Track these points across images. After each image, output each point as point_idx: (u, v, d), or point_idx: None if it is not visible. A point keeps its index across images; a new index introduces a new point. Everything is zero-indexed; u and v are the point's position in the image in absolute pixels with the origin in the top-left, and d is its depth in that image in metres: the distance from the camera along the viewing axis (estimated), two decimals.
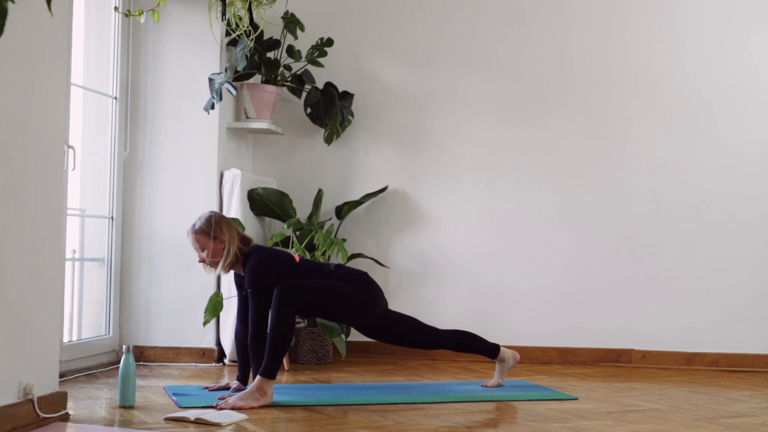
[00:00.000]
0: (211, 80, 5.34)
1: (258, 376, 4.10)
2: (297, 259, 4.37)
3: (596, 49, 5.93)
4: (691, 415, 4.06)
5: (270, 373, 4.09)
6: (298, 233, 5.69)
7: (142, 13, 4.98)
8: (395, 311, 4.61)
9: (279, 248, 4.53)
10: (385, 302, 4.47)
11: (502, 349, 4.70)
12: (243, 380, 4.43)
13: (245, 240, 4.34)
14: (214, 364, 5.42)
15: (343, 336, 5.43)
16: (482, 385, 4.74)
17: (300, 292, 4.18)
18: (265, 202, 5.69)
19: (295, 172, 6.10)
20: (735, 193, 5.79)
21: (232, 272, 4.47)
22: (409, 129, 6.04)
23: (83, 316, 5.27)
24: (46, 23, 3.59)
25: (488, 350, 4.67)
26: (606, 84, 5.92)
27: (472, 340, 4.66)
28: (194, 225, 4.31)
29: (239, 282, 4.43)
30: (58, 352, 3.77)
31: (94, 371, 5.04)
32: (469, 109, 6.00)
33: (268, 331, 4.18)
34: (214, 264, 4.29)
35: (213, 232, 4.24)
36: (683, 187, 5.84)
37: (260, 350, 4.22)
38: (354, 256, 5.79)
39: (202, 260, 4.31)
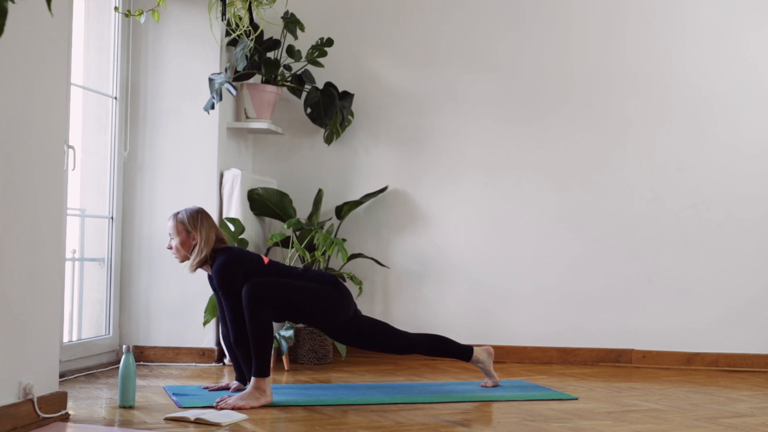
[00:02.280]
0: (211, 80, 5.34)
1: (252, 378, 4.10)
2: (266, 261, 4.36)
3: (596, 49, 5.94)
4: (691, 415, 4.06)
5: (262, 372, 4.09)
6: (298, 233, 5.69)
7: (142, 13, 4.98)
8: (367, 316, 4.59)
9: (247, 250, 4.54)
10: (353, 304, 4.46)
11: (474, 350, 4.68)
12: (242, 380, 4.44)
13: (220, 243, 4.34)
14: (214, 364, 5.42)
15: None
16: (482, 385, 4.74)
17: (269, 288, 4.16)
18: (265, 202, 5.69)
19: (295, 172, 6.10)
20: (735, 193, 5.79)
21: (206, 274, 4.50)
22: (409, 129, 6.04)
23: (83, 316, 5.27)
24: (46, 23, 3.59)
25: (461, 353, 4.64)
26: (606, 84, 5.92)
27: (444, 343, 4.64)
28: (178, 213, 4.34)
29: (213, 284, 4.43)
30: (58, 352, 3.77)
31: (94, 371, 5.04)
32: (469, 109, 6.00)
33: (246, 330, 4.18)
34: (180, 256, 4.33)
35: (190, 227, 4.27)
36: (683, 187, 5.84)
37: (245, 352, 4.24)
38: (354, 256, 5.79)
39: (170, 247, 4.34)
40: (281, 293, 4.20)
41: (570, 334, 5.84)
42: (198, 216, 4.31)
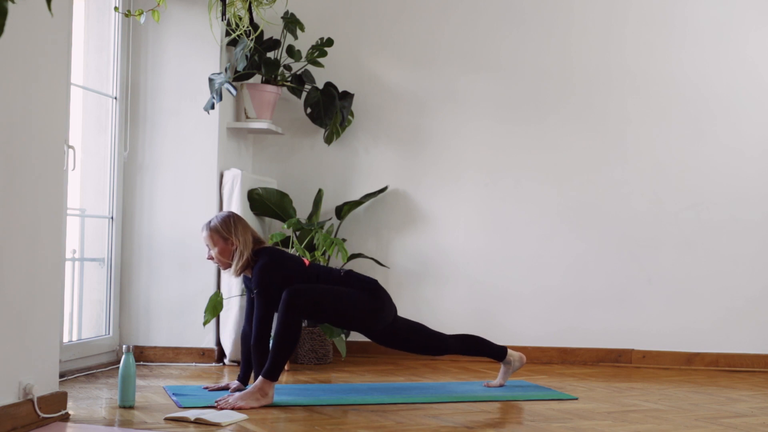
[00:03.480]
0: (211, 80, 5.34)
1: (260, 377, 4.09)
2: (307, 263, 4.35)
3: (596, 49, 5.94)
4: (691, 415, 4.06)
5: (272, 375, 4.08)
6: (298, 233, 5.69)
7: (142, 13, 4.98)
8: (404, 318, 4.59)
9: (289, 252, 4.53)
10: (394, 310, 4.46)
11: (509, 351, 4.70)
12: (243, 380, 4.43)
13: (258, 243, 4.34)
14: (214, 364, 5.42)
15: (343, 336, 5.43)
16: (485, 385, 4.74)
17: (309, 296, 4.16)
18: (265, 202, 5.69)
19: (295, 172, 6.10)
20: (735, 193, 5.80)
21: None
22: (409, 129, 6.04)
23: (83, 316, 5.27)
24: (46, 23, 3.59)
25: (496, 353, 4.68)
26: (606, 84, 5.92)
27: (480, 343, 4.67)
28: (210, 222, 4.34)
29: (248, 284, 4.43)
30: (58, 352, 3.77)
31: (94, 371, 5.04)
32: (469, 109, 6.00)
33: (272, 333, 4.18)
34: (223, 264, 4.32)
35: (226, 233, 4.27)
36: (683, 187, 5.84)
37: (263, 353, 4.22)
38: (354, 256, 5.79)
39: (211, 258, 4.34)
40: (321, 301, 4.20)
41: (570, 334, 5.84)
42: (231, 221, 4.31)
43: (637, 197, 5.87)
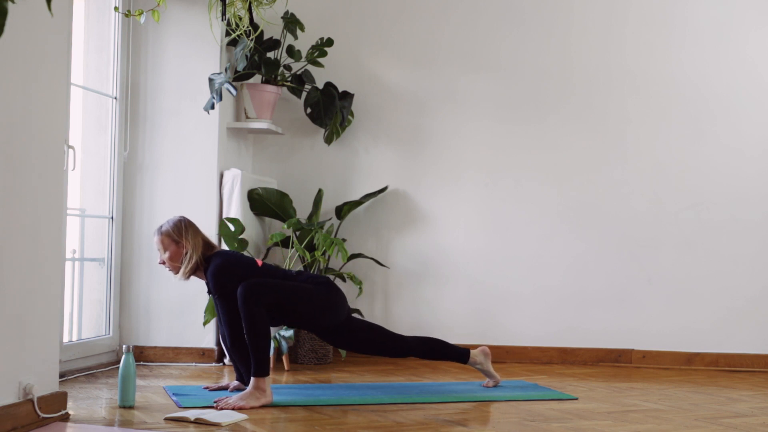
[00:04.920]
0: (211, 80, 5.34)
1: (252, 378, 4.11)
2: (260, 263, 4.39)
3: (596, 49, 5.94)
4: (691, 415, 4.07)
5: (262, 372, 4.09)
6: (298, 233, 5.69)
7: (142, 13, 4.99)
8: (362, 319, 4.61)
9: (240, 253, 4.56)
10: (347, 307, 4.48)
11: (471, 352, 4.67)
12: (242, 380, 4.44)
13: (209, 247, 4.37)
14: (214, 364, 5.42)
15: None
16: (483, 385, 4.74)
17: (263, 289, 4.18)
18: (265, 202, 5.69)
19: (295, 172, 6.10)
20: (735, 193, 5.80)
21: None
22: (409, 129, 6.04)
23: (83, 316, 5.27)
24: (46, 23, 3.59)
25: (458, 356, 4.63)
26: (606, 84, 5.92)
27: (441, 346, 4.63)
28: (161, 227, 4.38)
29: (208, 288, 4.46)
30: (58, 352, 3.77)
31: (94, 371, 5.04)
32: (469, 109, 6.00)
33: (243, 332, 4.19)
34: (174, 268, 4.34)
35: (177, 237, 4.30)
36: (683, 187, 5.84)
37: (243, 353, 4.27)
38: (354, 256, 5.79)
39: (162, 262, 4.36)
40: (275, 293, 4.21)
41: (570, 334, 5.84)
42: (181, 224, 4.35)
43: (637, 197, 5.87)
